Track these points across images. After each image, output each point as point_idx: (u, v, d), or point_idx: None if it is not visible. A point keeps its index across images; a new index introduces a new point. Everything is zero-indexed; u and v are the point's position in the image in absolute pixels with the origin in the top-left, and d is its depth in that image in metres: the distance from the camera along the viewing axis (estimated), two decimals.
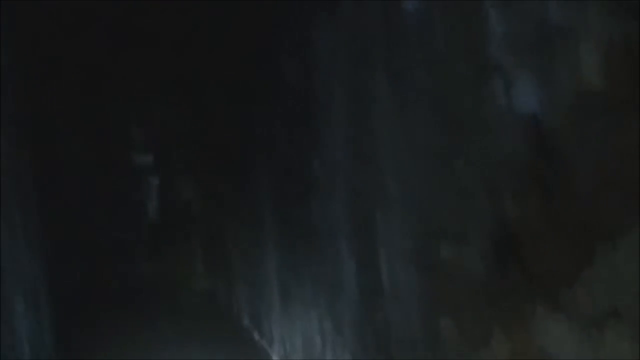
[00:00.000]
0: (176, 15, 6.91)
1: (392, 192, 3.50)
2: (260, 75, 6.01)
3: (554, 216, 2.30)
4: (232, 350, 6.12)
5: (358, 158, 3.96)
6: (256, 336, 6.43)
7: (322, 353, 4.67)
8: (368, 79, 3.71)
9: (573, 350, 2.20)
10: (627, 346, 1.96)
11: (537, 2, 2.24)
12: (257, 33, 5.98)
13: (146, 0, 6.81)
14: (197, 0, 6.43)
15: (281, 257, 5.63)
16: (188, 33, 7.33)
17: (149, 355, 6.18)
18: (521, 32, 2.37)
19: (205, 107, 7.92)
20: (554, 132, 2.28)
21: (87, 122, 8.52)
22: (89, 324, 7.08)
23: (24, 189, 3.82)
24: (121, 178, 8.77)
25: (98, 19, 6.98)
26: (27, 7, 5.49)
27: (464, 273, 2.80)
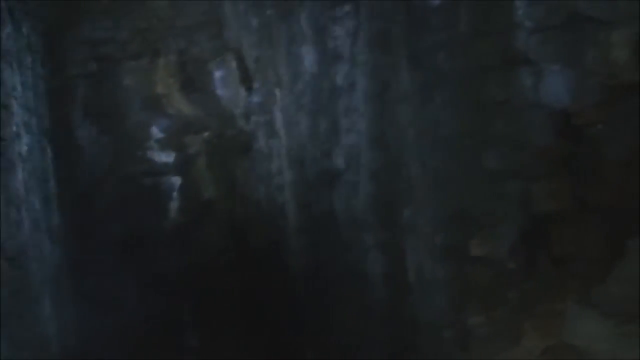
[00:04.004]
0: None
1: (416, 181, 3.44)
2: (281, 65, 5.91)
3: (583, 202, 2.25)
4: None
5: (381, 147, 3.89)
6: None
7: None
8: (389, 65, 3.65)
9: (607, 349, 2.16)
10: None
11: None
12: None
13: None
14: None
15: (304, 251, 5.57)
16: None
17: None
18: (551, 24, 2.33)
19: None
20: (583, 121, 2.24)
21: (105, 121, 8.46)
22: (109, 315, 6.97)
23: (45, 180, 3.83)
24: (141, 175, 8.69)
25: None
26: None
27: (493, 267, 2.75)
